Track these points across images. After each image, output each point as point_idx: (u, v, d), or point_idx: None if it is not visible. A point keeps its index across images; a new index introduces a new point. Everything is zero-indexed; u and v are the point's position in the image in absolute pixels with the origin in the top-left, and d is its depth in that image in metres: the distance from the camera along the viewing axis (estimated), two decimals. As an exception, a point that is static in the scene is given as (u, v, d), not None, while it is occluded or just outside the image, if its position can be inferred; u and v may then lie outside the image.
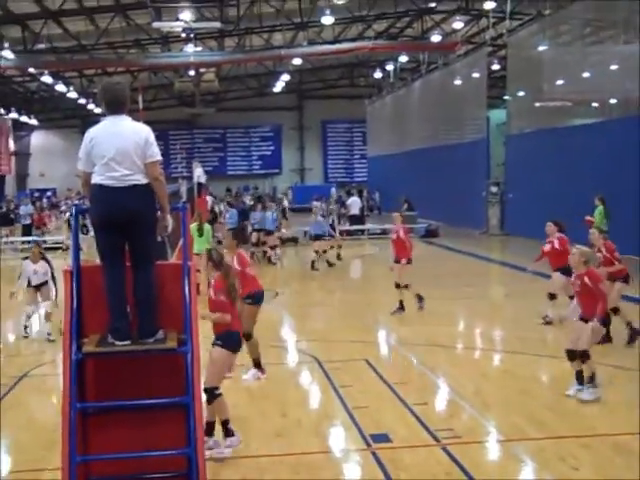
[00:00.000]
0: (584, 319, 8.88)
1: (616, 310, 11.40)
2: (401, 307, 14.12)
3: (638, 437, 7.52)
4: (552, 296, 13.17)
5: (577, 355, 8.78)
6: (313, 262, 21.56)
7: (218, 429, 7.37)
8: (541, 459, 7.05)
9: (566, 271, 12.34)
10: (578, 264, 9.10)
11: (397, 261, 14.27)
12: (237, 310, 7.57)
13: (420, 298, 14.17)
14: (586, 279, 8.91)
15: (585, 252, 9.20)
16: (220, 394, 7.28)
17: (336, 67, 47.63)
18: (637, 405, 8.63)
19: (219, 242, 21.81)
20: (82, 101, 44.30)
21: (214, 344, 7.36)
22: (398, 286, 14.21)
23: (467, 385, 9.51)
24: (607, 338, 11.41)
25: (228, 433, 7.31)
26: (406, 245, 14.24)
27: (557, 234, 13.17)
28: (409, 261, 14.21)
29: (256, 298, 9.84)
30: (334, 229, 24.99)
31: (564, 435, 7.62)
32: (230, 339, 7.36)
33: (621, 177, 20.87)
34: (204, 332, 6.40)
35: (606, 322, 8.94)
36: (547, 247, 13.31)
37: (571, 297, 11.61)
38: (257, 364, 9.89)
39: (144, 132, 5.54)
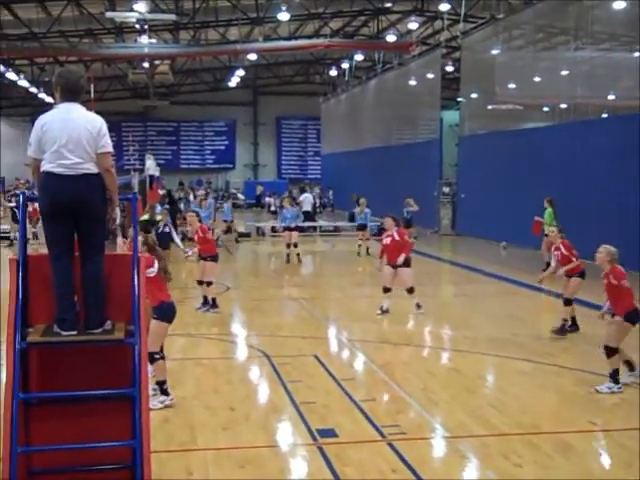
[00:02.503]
0: (614, 314, 9.21)
1: (569, 302, 11.69)
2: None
3: (580, 435, 7.69)
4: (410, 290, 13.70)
5: (613, 351, 9.07)
6: (288, 255, 21.67)
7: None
8: (485, 456, 7.14)
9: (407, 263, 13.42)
10: (603, 262, 9.30)
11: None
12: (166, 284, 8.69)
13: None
14: (611, 277, 9.16)
15: (611, 251, 9.32)
16: (159, 357, 8.38)
17: (292, 64, 47.65)
18: (580, 404, 8.82)
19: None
20: (33, 90, 43.53)
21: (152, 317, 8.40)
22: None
23: (414, 382, 9.59)
24: (574, 327, 12.06)
25: (163, 392, 8.42)
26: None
27: (395, 228, 13.67)
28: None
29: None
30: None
31: (508, 432, 7.73)
32: (161, 311, 8.50)
33: (571, 180, 21.26)
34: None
35: (633, 319, 9.03)
36: (387, 240, 13.69)
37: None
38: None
39: (98, 122, 5.47)
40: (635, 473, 6.72)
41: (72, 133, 5.34)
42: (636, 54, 25.00)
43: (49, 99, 39.77)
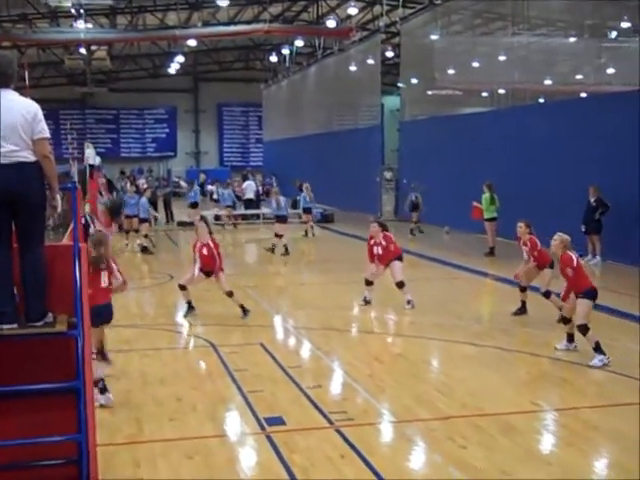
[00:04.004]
0: (576, 296, 9.75)
1: (548, 294, 11.83)
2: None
3: (524, 416, 7.84)
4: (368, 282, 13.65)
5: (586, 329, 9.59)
6: (273, 246, 21.07)
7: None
8: (431, 439, 7.23)
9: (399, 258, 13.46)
10: (557, 249, 9.90)
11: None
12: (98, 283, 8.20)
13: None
14: (560, 263, 9.85)
15: (564, 239, 9.92)
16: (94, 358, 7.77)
17: (232, 49, 47.26)
18: (522, 385, 8.99)
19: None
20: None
21: None
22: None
23: (361, 368, 9.65)
24: (523, 310, 12.31)
25: (100, 391, 7.92)
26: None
27: (381, 234, 13.50)
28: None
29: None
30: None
31: (453, 415, 7.83)
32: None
33: (509, 164, 21.58)
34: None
35: (592, 295, 9.72)
36: (379, 249, 13.59)
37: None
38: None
39: (33, 107, 5.32)
40: (576, 452, 6.89)
41: (6, 120, 5.18)
42: (571, 40, 25.51)
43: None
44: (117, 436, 7.28)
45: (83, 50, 38.11)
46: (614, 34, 25.47)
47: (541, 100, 24.80)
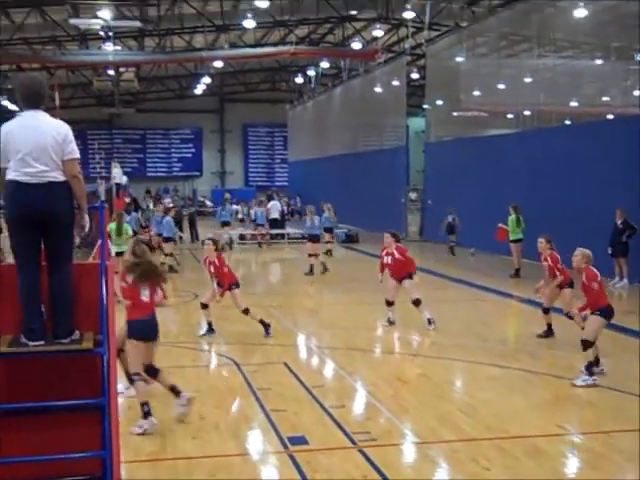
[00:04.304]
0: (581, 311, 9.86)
1: (571, 315, 11.66)
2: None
3: (548, 439, 7.76)
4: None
5: (589, 345, 9.57)
6: (312, 267, 20.93)
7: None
8: (454, 460, 7.18)
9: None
10: (579, 263, 9.85)
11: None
12: (139, 298, 8.06)
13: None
14: (584, 278, 9.73)
15: (585, 254, 9.89)
16: (138, 379, 7.99)
17: (258, 71, 47.62)
18: (547, 408, 8.91)
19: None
20: (-4, 97, 43.01)
21: None
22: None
23: (384, 388, 9.62)
24: (550, 332, 12.16)
25: (143, 415, 7.89)
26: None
27: (394, 244, 13.42)
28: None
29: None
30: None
31: (477, 437, 7.78)
32: (129, 328, 8.05)
33: (534, 186, 21.49)
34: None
35: (608, 314, 9.65)
36: (388, 259, 13.51)
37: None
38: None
39: (63, 129, 5.41)
40: (602, 476, 6.80)
41: (37, 141, 5.27)
42: (598, 62, 25.43)
43: (12, 106, 39.27)
44: (140, 453, 7.30)
45: (111, 72, 38.59)
46: (640, 56, 25.37)
47: (567, 122, 24.72)
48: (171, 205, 29.94)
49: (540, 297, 12.49)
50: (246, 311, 12.73)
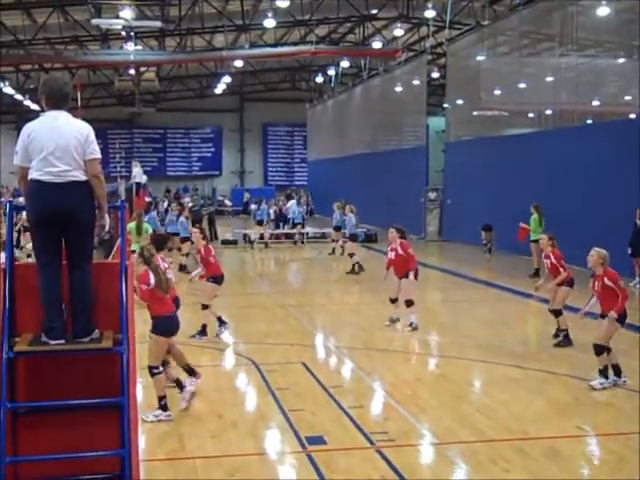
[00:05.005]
0: (603, 316, 9.45)
1: (559, 313, 11.72)
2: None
3: (568, 441, 7.72)
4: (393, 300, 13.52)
5: (602, 349, 9.37)
6: (354, 266, 20.82)
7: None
8: (474, 462, 7.15)
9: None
10: (596, 265, 9.56)
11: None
12: (165, 297, 8.43)
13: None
14: (605, 279, 9.42)
15: (602, 254, 9.61)
16: (158, 372, 8.25)
17: (278, 70, 47.62)
18: (567, 409, 8.85)
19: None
20: (18, 97, 43.31)
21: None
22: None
23: (402, 389, 9.60)
24: (568, 341, 11.83)
25: (161, 407, 8.23)
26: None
27: (399, 240, 13.34)
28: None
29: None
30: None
31: (496, 439, 7.74)
32: (157, 324, 8.36)
33: (556, 186, 21.36)
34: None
35: (623, 320, 9.36)
36: (391, 255, 13.46)
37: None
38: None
39: (85, 129, 5.45)
40: (621, 477, 6.76)
41: (59, 141, 5.31)
42: (620, 60, 25.21)
43: (34, 106, 39.56)
44: (159, 452, 7.34)
45: (132, 71, 38.77)
46: (664, 55, 25.14)
47: (589, 121, 24.54)
48: (190, 204, 30.03)
49: (537, 291, 12.56)
50: (205, 307, 12.75)
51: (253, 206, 35.15)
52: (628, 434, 7.84)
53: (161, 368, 8.35)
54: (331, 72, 43.46)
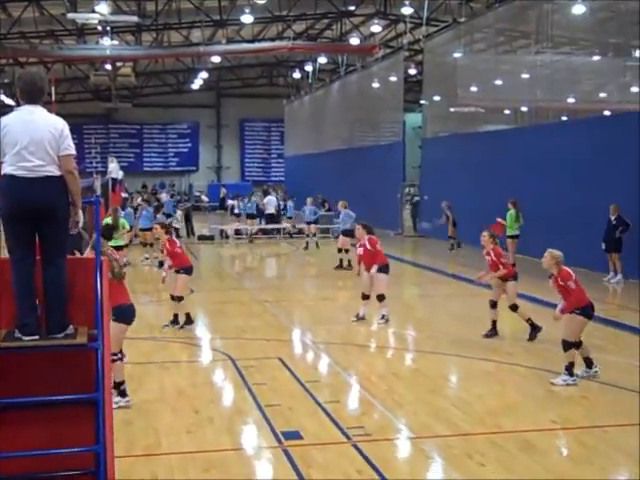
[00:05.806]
0: (564, 312, 9.60)
1: (515, 307, 11.88)
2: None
3: (543, 434, 7.79)
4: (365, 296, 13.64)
5: (570, 346, 9.44)
6: (341, 261, 20.80)
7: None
8: (449, 456, 7.20)
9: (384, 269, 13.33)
10: (550, 266, 9.67)
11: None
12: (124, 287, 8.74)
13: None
14: (559, 279, 9.56)
15: (554, 254, 9.68)
16: (117, 359, 8.38)
17: (255, 66, 47.55)
18: (541, 402, 8.93)
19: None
20: (-8, 91, 42.88)
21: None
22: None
23: (378, 384, 9.64)
24: (494, 332, 12.15)
25: (120, 393, 8.47)
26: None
27: (366, 236, 13.54)
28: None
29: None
30: None
31: (472, 432, 7.80)
32: (118, 312, 8.42)
33: (531, 182, 21.50)
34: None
35: (588, 313, 9.48)
36: (360, 250, 13.64)
37: None
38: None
39: (60, 124, 5.41)
40: (596, 470, 6.83)
41: (33, 135, 5.27)
42: (595, 58, 25.42)
43: (9, 101, 39.20)
44: (135, 448, 7.32)
45: (108, 66, 38.51)
46: (638, 53, 25.37)
47: (564, 118, 24.73)
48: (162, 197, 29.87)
49: (479, 279, 12.81)
50: (179, 298, 12.88)
51: (230, 202, 35.10)
52: (602, 427, 7.93)
53: (119, 355, 8.52)
54: (308, 68, 43.48)
